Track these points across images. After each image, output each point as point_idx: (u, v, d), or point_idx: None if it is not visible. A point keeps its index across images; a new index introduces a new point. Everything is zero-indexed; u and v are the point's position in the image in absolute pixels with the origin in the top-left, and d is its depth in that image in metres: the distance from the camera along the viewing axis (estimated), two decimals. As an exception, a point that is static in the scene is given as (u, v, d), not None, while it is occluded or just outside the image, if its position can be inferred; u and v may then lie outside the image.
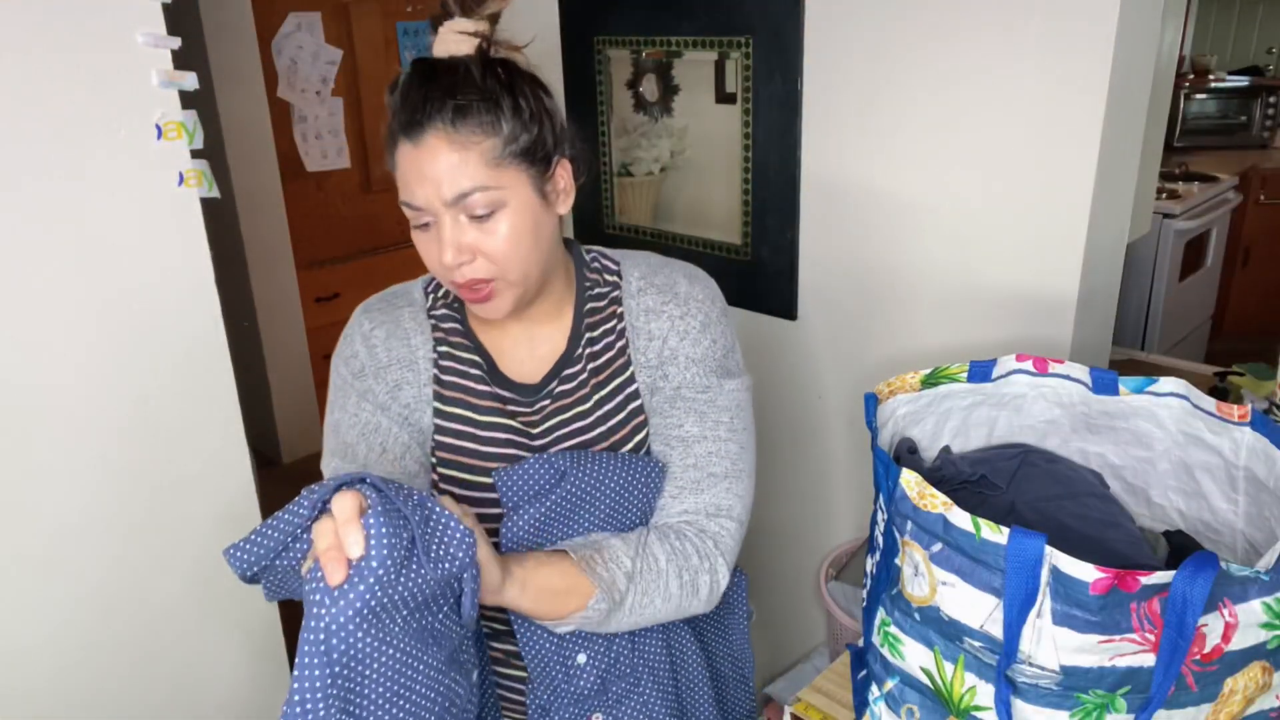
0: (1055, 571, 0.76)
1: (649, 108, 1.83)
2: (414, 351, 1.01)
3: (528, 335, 1.03)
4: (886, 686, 0.95)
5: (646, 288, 1.03)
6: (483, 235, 0.90)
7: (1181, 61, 3.85)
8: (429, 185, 0.88)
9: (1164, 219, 3.02)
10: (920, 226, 1.50)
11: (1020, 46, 1.32)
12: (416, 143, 0.87)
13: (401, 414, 0.99)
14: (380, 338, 1.00)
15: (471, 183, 0.88)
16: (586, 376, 1.01)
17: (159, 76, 1.15)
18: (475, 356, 1.01)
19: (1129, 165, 1.42)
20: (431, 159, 0.87)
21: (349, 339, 1.02)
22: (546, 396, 1.01)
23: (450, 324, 1.03)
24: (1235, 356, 1.99)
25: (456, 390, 1.00)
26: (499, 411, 1.00)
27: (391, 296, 1.05)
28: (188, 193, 1.20)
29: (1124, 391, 1.06)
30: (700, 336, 1.01)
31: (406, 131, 0.87)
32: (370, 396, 0.99)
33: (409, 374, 1.00)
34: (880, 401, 1.07)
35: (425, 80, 0.89)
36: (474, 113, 0.88)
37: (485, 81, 0.90)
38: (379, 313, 1.02)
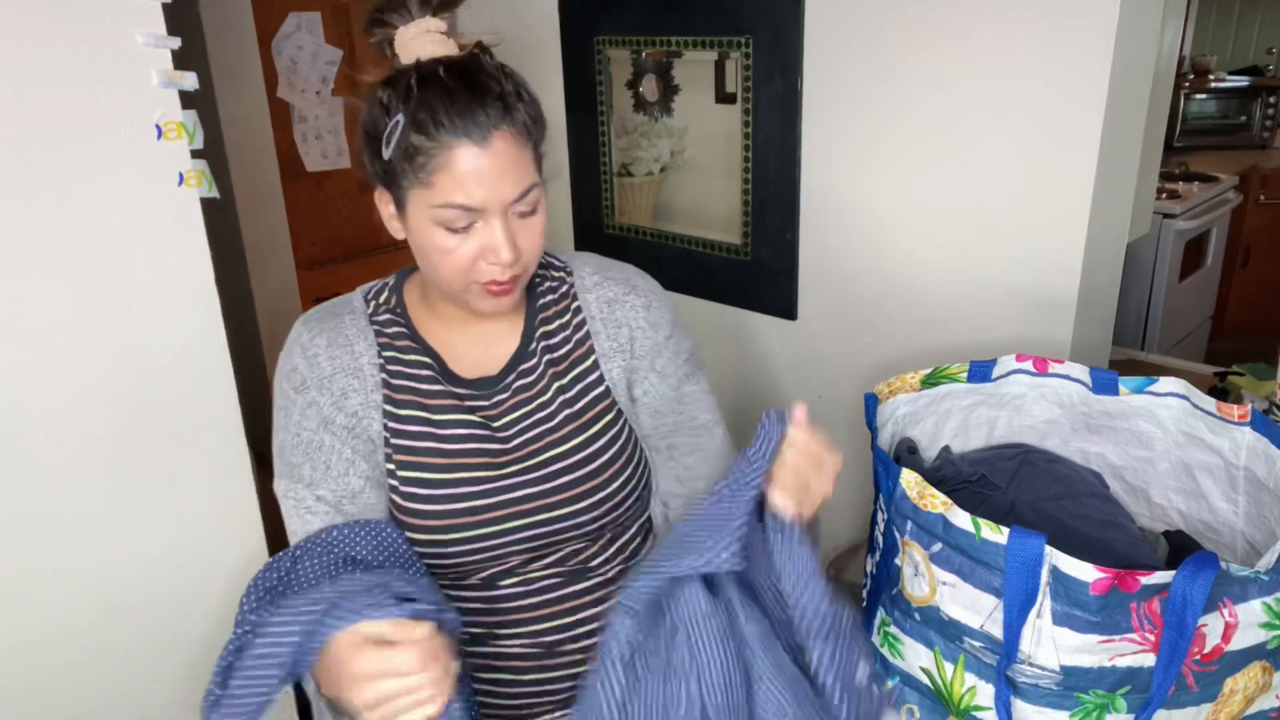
0: (1055, 571, 0.76)
1: (649, 108, 1.83)
2: (358, 358, 0.99)
3: (481, 334, 1.03)
4: (886, 686, 0.95)
5: (603, 281, 1.07)
6: (525, 230, 0.93)
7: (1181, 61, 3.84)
8: (492, 185, 0.88)
9: (1164, 219, 3.02)
10: (920, 226, 1.50)
11: (1020, 46, 1.32)
12: (482, 143, 0.87)
13: (348, 425, 0.97)
14: (321, 346, 0.99)
15: (530, 180, 0.91)
16: (544, 369, 1.02)
17: (159, 76, 1.15)
18: (423, 357, 1.01)
19: (1129, 165, 1.42)
20: (500, 159, 0.88)
21: (288, 353, 1.01)
22: (504, 390, 1.01)
23: (395, 328, 1.02)
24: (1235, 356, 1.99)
25: (407, 393, 0.99)
26: (456, 408, 1.00)
27: (331, 307, 1.04)
28: (188, 193, 1.20)
29: (1124, 391, 1.06)
30: (674, 331, 1.07)
31: (469, 133, 0.87)
32: (314, 410, 0.97)
33: (354, 381, 0.98)
34: (880, 401, 1.07)
35: (467, 82, 0.89)
36: (521, 111, 0.90)
37: (512, 80, 0.92)
38: (318, 322, 1.01)
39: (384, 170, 0.92)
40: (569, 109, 1.95)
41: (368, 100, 0.93)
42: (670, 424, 1.07)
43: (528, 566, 1.01)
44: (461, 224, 0.89)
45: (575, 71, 1.90)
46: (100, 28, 1.09)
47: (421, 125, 0.87)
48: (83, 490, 1.18)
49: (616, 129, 1.90)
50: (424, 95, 0.88)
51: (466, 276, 0.92)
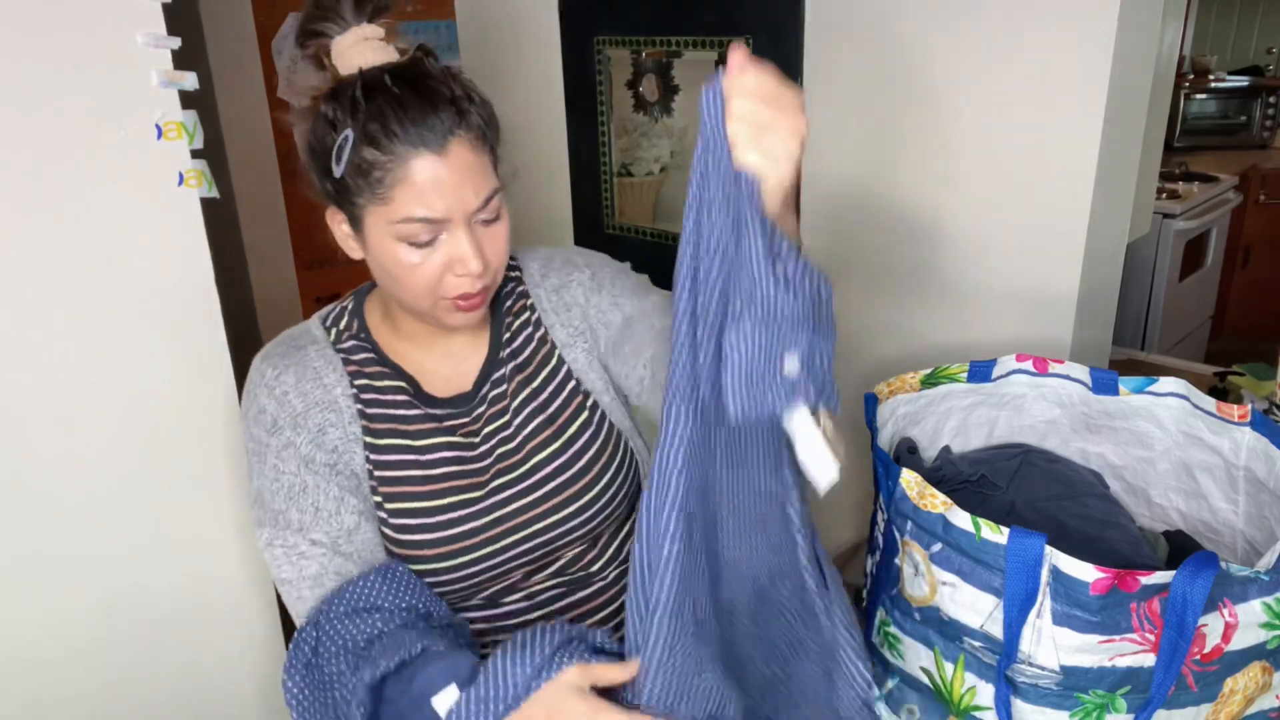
0: (1055, 571, 0.76)
1: (649, 108, 1.83)
2: (330, 390, 0.94)
3: (449, 350, 0.99)
4: (886, 686, 0.95)
5: (549, 271, 1.05)
6: (490, 238, 0.89)
7: (1181, 61, 3.84)
8: (454, 194, 0.84)
9: (1164, 219, 3.02)
10: (920, 226, 1.50)
11: (1020, 46, 1.32)
12: (440, 152, 0.83)
13: (329, 462, 0.92)
14: (290, 383, 0.93)
15: (491, 185, 0.88)
16: (513, 374, 1.00)
17: (159, 76, 1.14)
18: (398, 382, 0.96)
19: (1129, 165, 1.42)
20: (460, 166, 0.84)
21: (252, 395, 0.94)
22: (480, 403, 0.98)
23: (362, 354, 0.97)
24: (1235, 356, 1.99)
25: (385, 421, 0.95)
26: (436, 430, 0.96)
27: (290, 339, 0.98)
28: (188, 193, 1.20)
29: (1124, 391, 1.06)
30: (616, 276, 1.05)
31: (425, 142, 0.83)
32: (292, 450, 0.92)
33: (331, 415, 0.93)
34: (880, 401, 1.07)
35: (416, 89, 0.84)
36: (475, 115, 0.87)
37: (460, 83, 0.87)
38: (280, 358, 0.95)
39: (336, 188, 0.87)
40: (569, 109, 1.95)
41: (306, 116, 0.88)
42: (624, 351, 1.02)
43: (529, 580, 0.99)
44: (425, 238, 0.85)
45: (575, 71, 1.90)
46: (100, 28, 1.09)
47: (373, 138, 0.82)
48: (81, 490, 1.18)
49: (616, 129, 1.90)
50: (372, 106, 0.83)
51: (434, 293, 0.88)
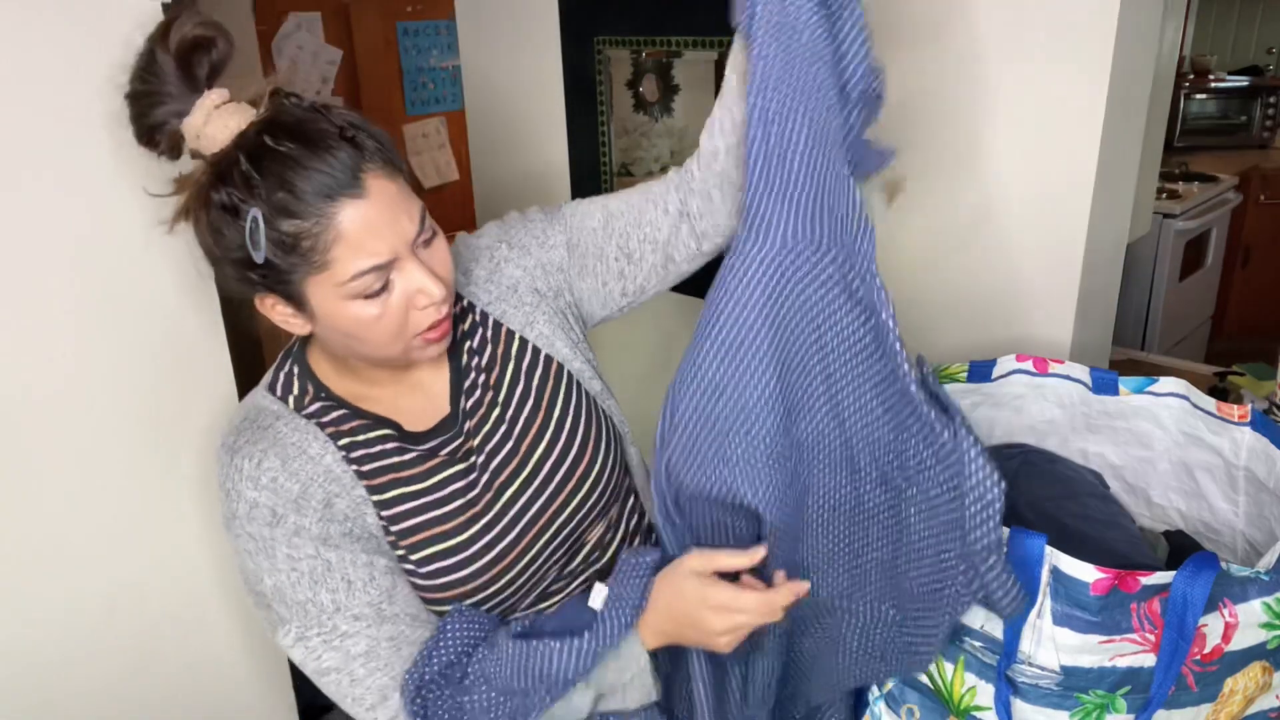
0: (1055, 572, 0.76)
1: (649, 108, 1.83)
2: (319, 461, 0.87)
3: (414, 383, 0.96)
4: (886, 686, 0.95)
5: (470, 267, 1.01)
6: (435, 256, 0.85)
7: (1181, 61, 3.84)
8: (389, 228, 0.79)
9: (1164, 219, 3.02)
10: (920, 226, 1.50)
11: (1020, 46, 1.32)
12: (362, 194, 0.77)
13: (345, 530, 0.87)
14: (275, 467, 0.86)
15: (418, 205, 0.83)
16: (483, 380, 0.97)
17: (159, 76, 1.15)
18: (382, 430, 0.91)
19: (1129, 165, 1.42)
20: (384, 199, 0.79)
21: (235, 494, 0.86)
22: (465, 418, 0.96)
23: (334, 413, 0.90)
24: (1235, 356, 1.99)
25: (384, 474, 0.90)
26: (438, 467, 0.92)
27: (251, 421, 0.90)
28: (188, 193, 1.20)
29: (1124, 391, 1.06)
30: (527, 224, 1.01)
31: (347, 189, 0.76)
32: (303, 534, 0.85)
33: (332, 486, 0.87)
34: (880, 401, 1.07)
35: (299, 138, 0.77)
36: (367, 140, 0.80)
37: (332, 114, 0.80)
38: (251, 445, 0.87)
39: (261, 274, 0.80)
40: (569, 109, 1.95)
41: (197, 208, 0.81)
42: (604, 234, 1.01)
43: (563, 572, 1.00)
44: (378, 285, 0.80)
45: (575, 71, 1.90)
46: (100, 28, 1.09)
47: (286, 207, 0.76)
48: (82, 491, 1.18)
49: (616, 129, 1.90)
50: (268, 174, 0.76)
51: (402, 336, 0.84)
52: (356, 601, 0.86)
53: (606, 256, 1.00)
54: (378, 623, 0.86)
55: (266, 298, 0.84)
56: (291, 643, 0.86)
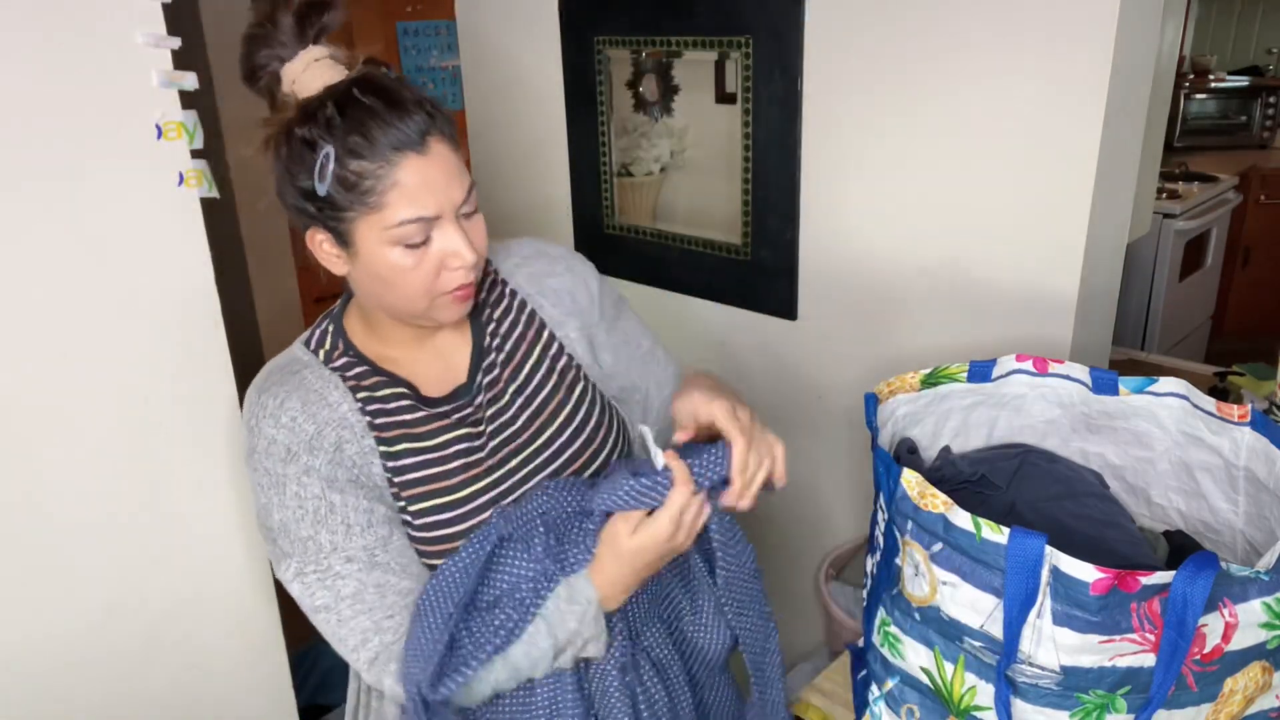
0: (1055, 571, 0.76)
1: (649, 108, 1.83)
2: (336, 408, 0.94)
3: (436, 349, 1.02)
4: (886, 686, 0.95)
5: (523, 261, 1.09)
6: (474, 229, 0.93)
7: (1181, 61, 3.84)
8: (443, 190, 0.88)
9: (1164, 219, 3.02)
10: (920, 226, 1.50)
11: (1020, 46, 1.32)
12: (423, 152, 0.87)
13: (351, 477, 0.93)
14: (296, 408, 0.93)
15: (469, 179, 0.92)
16: (506, 357, 1.04)
17: (159, 76, 1.14)
18: (398, 388, 0.98)
19: (1129, 165, 1.42)
20: (443, 163, 0.88)
21: (256, 430, 0.93)
22: (479, 391, 1.02)
23: (357, 369, 0.98)
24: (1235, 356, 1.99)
25: (395, 429, 0.96)
26: (446, 428, 0.98)
27: (282, 367, 0.98)
28: (188, 193, 1.20)
29: (1124, 391, 1.06)
30: (600, 281, 1.12)
31: (410, 145, 0.86)
32: (313, 474, 0.92)
33: (344, 432, 0.94)
34: (880, 401, 1.07)
35: (384, 98, 0.87)
36: (439, 115, 0.90)
37: (413, 88, 0.90)
38: (278, 385, 0.95)
39: (319, 207, 0.88)
40: (569, 109, 1.95)
41: (280, 142, 0.89)
42: (625, 359, 1.13)
43: None
44: (419, 238, 0.88)
45: (575, 71, 1.90)
46: (100, 28, 1.09)
47: (357, 150, 0.85)
48: (82, 491, 1.18)
49: (616, 129, 1.90)
50: (349, 120, 0.85)
51: (430, 291, 0.91)
52: (352, 545, 0.92)
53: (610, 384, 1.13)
54: (368, 568, 0.92)
55: (317, 233, 0.92)
56: (291, 577, 0.93)
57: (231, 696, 1.39)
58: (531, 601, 0.92)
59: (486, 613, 0.92)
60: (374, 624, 0.92)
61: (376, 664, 0.92)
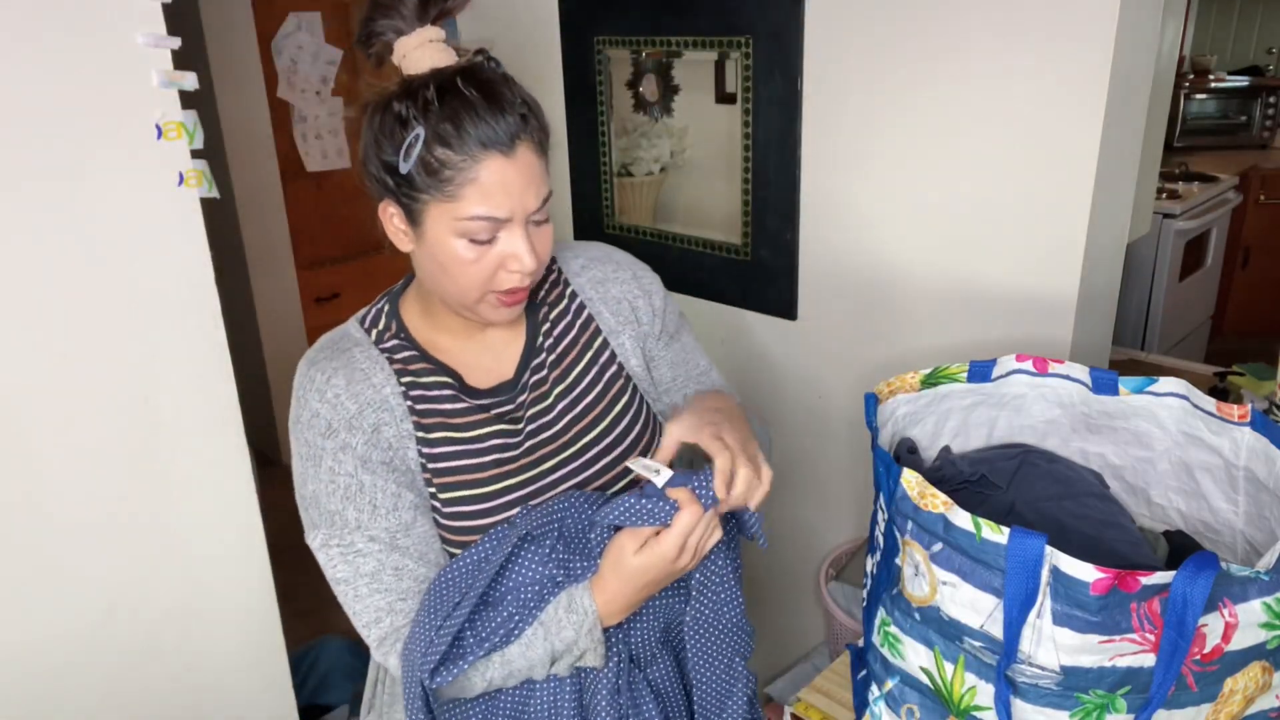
0: (1055, 571, 0.76)
1: (649, 108, 1.83)
2: (380, 390, 0.96)
3: (488, 342, 1.03)
4: (886, 686, 0.95)
5: (589, 264, 1.10)
6: (540, 237, 0.93)
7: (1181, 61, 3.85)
8: (519, 195, 0.89)
9: (1164, 219, 3.02)
10: (920, 226, 1.50)
11: (1020, 46, 1.32)
12: (510, 154, 0.88)
13: (385, 459, 0.95)
14: (341, 385, 0.95)
15: (548, 189, 0.93)
16: (558, 359, 1.04)
17: (159, 76, 1.15)
18: (442, 377, 0.99)
19: (1129, 165, 1.42)
20: (526, 168, 0.89)
21: (302, 400, 0.96)
22: (524, 390, 1.02)
23: (405, 353, 1.00)
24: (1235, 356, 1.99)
25: (434, 416, 0.98)
26: (484, 422, 0.99)
27: (333, 343, 1.00)
28: (188, 193, 1.20)
29: (1124, 391, 1.06)
30: (665, 297, 1.13)
31: (496, 145, 0.87)
32: (348, 452, 0.94)
33: (384, 414, 0.95)
34: (880, 401, 1.07)
35: (485, 93, 0.88)
36: (534, 120, 0.91)
37: (519, 89, 0.92)
38: (327, 361, 0.97)
39: (397, 183, 0.90)
40: (569, 109, 1.95)
41: (376, 110, 0.91)
42: (682, 376, 1.13)
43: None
44: (485, 236, 0.89)
45: (575, 71, 1.90)
46: (100, 28, 1.09)
47: (446, 138, 0.86)
48: (82, 490, 1.18)
49: (616, 129, 1.90)
50: (446, 107, 0.87)
51: (484, 287, 0.92)
52: (377, 525, 0.94)
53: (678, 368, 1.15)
54: (389, 549, 0.94)
55: (390, 206, 0.93)
56: (318, 546, 0.95)
57: (231, 696, 1.39)
58: (535, 605, 0.93)
59: (491, 609, 0.92)
60: (388, 605, 0.94)
61: (385, 643, 0.94)
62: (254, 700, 1.41)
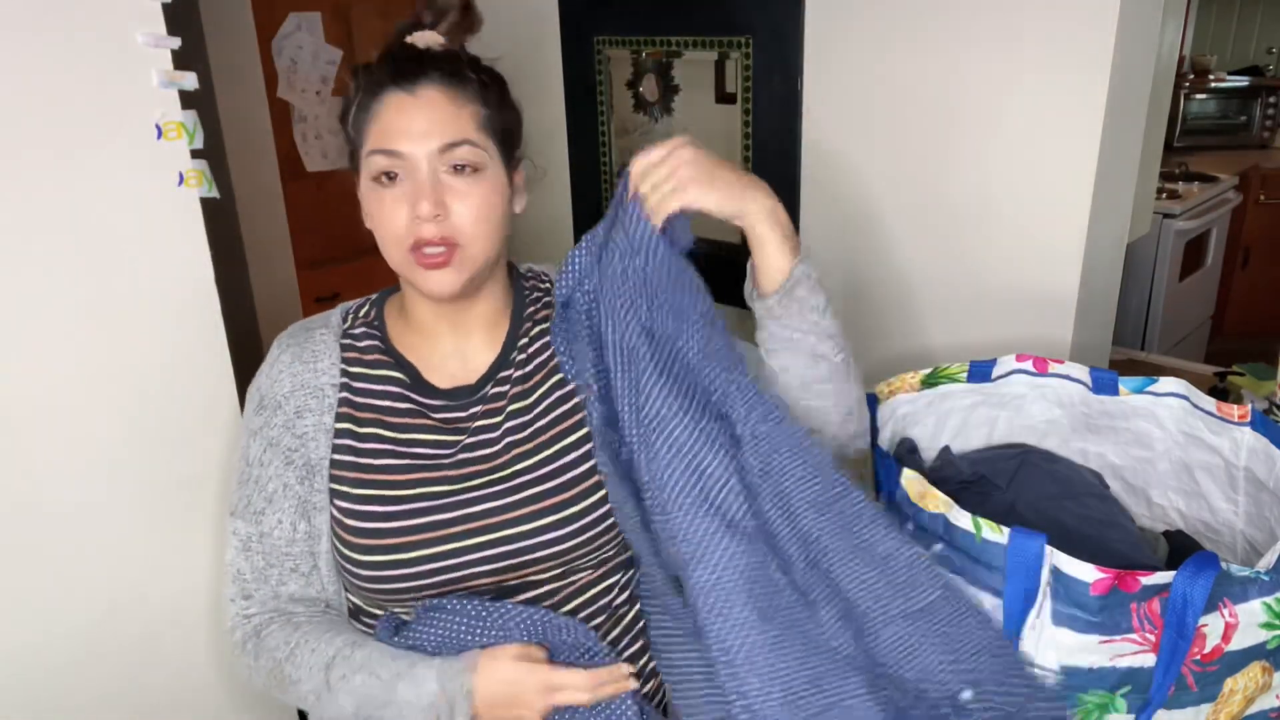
0: (1055, 572, 0.76)
1: (649, 108, 1.83)
2: (319, 376, 0.98)
3: (459, 349, 1.00)
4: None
5: None
6: (461, 194, 0.90)
7: (1181, 61, 3.84)
8: (419, 132, 0.88)
9: (1164, 219, 3.02)
10: (920, 226, 1.50)
11: (1020, 46, 1.32)
12: (412, 91, 0.89)
13: (292, 446, 0.96)
14: (286, 363, 0.99)
15: (463, 135, 0.90)
16: (522, 377, 0.99)
17: (159, 76, 1.14)
18: (395, 373, 0.98)
19: (1129, 165, 1.42)
20: (429, 107, 0.89)
21: (260, 373, 1.01)
22: (480, 401, 0.98)
23: (368, 341, 1.00)
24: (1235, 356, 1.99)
25: (369, 411, 0.97)
26: (423, 426, 0.96)
27: (308, 322, 1.04)
28: (188, 193, 1.20)
29: (1124, 391, 1.06)
30: None
31: (399, 81, 0.89)
32: (263, 434, 0.97)
33: (312, 401, 0.97)
34: (880, 401, 1.07)
35: (418, 49, 0.92)
36: (467, 80, 0.91)
37: (473, 63, 0.94)
38: (290, 337, 1.01)
39: (349, 149, 0.93)
40: (569, 109, 1.95)
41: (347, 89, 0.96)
42: None
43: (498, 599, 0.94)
44: (390, 169, 0.89)
45: (575, 71, 1.90)
46: (100, 28, 1.09)
47: (362, 84, 0.91)
48: (82, 491, 1.18)
49: (616, 129, 1.90)
50: (390, 51, 0.91)
51: (410, 232, 0.89)
52: (265, 520, 0.97)
53: None
54: (263, 547, 0.97)
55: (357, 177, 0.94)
56: (229, 531, 1.00)
57: (231, 699, 1.39)
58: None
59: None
60: (246, 599, 0.98)
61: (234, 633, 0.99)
62: (254, 703, 1.41)
